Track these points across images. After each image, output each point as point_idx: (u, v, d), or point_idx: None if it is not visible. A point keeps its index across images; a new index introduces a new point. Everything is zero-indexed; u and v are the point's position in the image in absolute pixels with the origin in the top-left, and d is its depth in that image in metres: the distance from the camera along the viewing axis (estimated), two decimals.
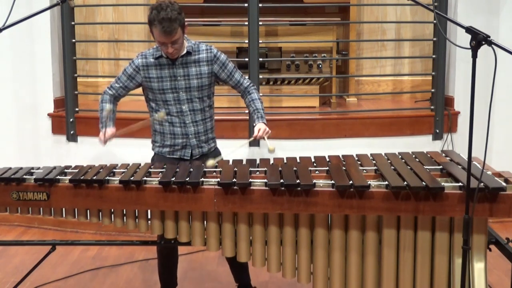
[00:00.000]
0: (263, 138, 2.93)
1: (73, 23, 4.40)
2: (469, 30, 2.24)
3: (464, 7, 4.36)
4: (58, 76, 4.53)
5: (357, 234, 2.49)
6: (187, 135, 3.06)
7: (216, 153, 3.14)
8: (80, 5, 4.89)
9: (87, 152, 4.39)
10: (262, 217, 2.55)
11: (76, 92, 4.47)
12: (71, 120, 4.41)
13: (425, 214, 2.40)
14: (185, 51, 2.99)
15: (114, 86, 3.11)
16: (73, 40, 4.41)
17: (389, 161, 2.75)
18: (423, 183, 2.39)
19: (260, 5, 4.15)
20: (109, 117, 3.04)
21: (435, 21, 4.37)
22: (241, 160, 2.90)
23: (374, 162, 2.77)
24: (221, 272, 3.68)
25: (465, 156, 2.36)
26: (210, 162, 2.75)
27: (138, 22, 5.04)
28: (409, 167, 2.63)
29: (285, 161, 2.88)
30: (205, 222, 2.60)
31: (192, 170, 2.69)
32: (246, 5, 4.13)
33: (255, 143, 3.02)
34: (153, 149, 3.17)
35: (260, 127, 2.94)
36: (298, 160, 2.88)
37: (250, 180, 2.51)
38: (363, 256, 2.50)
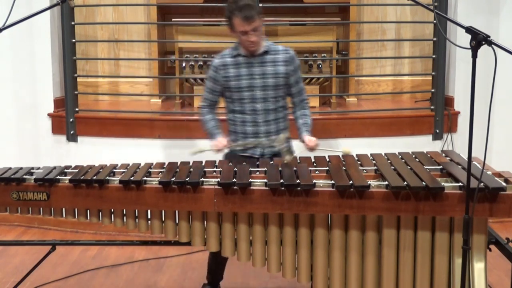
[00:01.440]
0: (314, 148, 3.02)
1: (73, 23, 4.40)
2: (469, 30, 2.24)
3: (464, 7, 4.36)
4: (58, 76, 4.53)
5: (357, 234, 2.49)
6: (257, 134, 3.09)
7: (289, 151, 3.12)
8: (80, 5, 4.89)
9: (87, 152, 4.39)
10: (262, 217, 2.55)
11: (76, 92, 4.46)
12: (71, 120, 4.41)
13: (425, 214, 2.40)
14: (262, 49, 3.05)
15: (204, 95, 3.20)
16: (73, 40, 4.41)
17: (389, 161, 2.75)
18: (423, 183, 2.39)
19: (260, 5, 4.14)
20: (216, 127, 3.14)
21: (435, 21, 4.37)
22: (241, 160, 2.90)
23: (374, 162, 2.77)
24: None
25: (465, 156, 2.36)
26: (288, 157, 2.77)
27: (138, 22, 5.04)
28: (409, 167, 2.63)
29: (298, 160, 2.88)
30: (205, 222, 2.60)
31: (192, 170, 2.69)
32: None
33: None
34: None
35: (310, 138, 3.03)
36: (298, 160, 2.88)
37: (250, 180, 2.51)
38: (363, 256, 2.50)
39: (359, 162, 2.79)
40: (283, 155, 2.81)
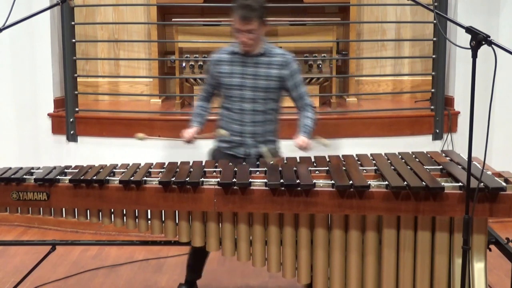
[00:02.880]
0: (304, 148, 2.99)
1: (73, 23, 4.40)
2: (469, 30, 2.24)
3: (464, 7, 4.36)
4: (58, 76, 4.53)
5: (357, 234, 2.49)
6: (243, 134, 3.10)
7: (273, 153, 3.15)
8: (80, 5, 4.89)
9: (87, 152, 4.39)
10: (262, 217, 2.55)
11: (76, 92, 4.46)
12: (71, 120, 4.41)
13: (425, 214, 2.41)
14: (259, 51, 3.05)
15: (203, 87, 3.30)
16: (73, 40, 4.41)
17: (389, 161, 2.76)
18: (423, 183, 2.39)
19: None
20: (198, 115, 3.20)
21: (435, 21, 4.37)
22: (241, 160, 2.90)
23: (374, 162, 2.77)
24: (221, 272, 3.69)
25: (465, 156, 2.36)
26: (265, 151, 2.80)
27: (138, 22, 5.04)
28: (409, 167, 2.63)
29: (285, 161, 2.89)
30: (205, 222, 2.60)
31: (192, 170, 2.69)
32: None
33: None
34: (214, 142, 3.23)
35: (303, 139, 2.99)
36: (298, 160, 2.88)
37: (250, 180, 2.51)
38: (363, 256, 2.50)
39: (359, 162, 2.79)
40: (265, 155, 2.83)
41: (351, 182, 2.43)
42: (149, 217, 2.65)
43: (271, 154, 2.85)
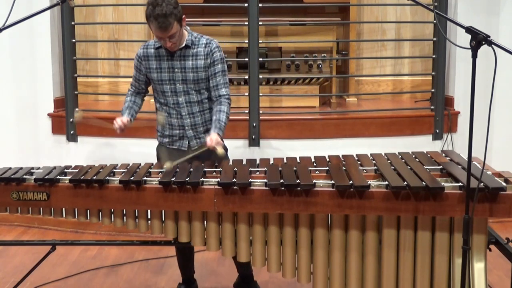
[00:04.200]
0: (215, 148, 2.84)
1: (73, 23, 4.40)
2: (469, 30, 2.24)
3: (464, 7, 4.36)
4: (58, 76, 4.53)
5: (357, 234, 2.49)
6: (183, 127, 3.09)
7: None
8: (80, 5, 4.89)
9: (87, 152, 4.39)
10: (262, 217, 2.55)
11: (76, 92, 4.46)
12: (71, 120, 4.41)
13: (425, 214, 2.40)
14: (183, 44, 3.02)
15: (132, 82, 3.23)
16: (73, 40, 4.41)
17: (389, 161, 2.75)
18: (423, 183, 2.39)
19: (260, 5, 4.15)
20: (128, 108, 3.15)
21: (435, 21, 4.37)
22: (241, 160, 2.90)
23: (374, 162, 2.77)
24: (221, 272, 3.69)
25: (465, 156, 2.36)
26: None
27: (138, 22, 5.04)
28: (409, 167, 2.63)
29: (285, 161, 2.89)
30: (205, 222, 2.60)
31: (192, 170, 2.69)
32: (246, 5, 4.13)
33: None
34: (157, 138, 3.23)
35: (211, 137, 2.87)
36: (298, 160, 2.88)
37: (250, 180, 2.51)
38: (363, 256, 2.50)
39: (359, 162, 2.79)
40: (215, 149, 2.82)
41: (351, 182, 2.43)
42: (149, 217, 2.65)
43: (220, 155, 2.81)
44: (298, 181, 2.46)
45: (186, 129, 3.09)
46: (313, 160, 2.87)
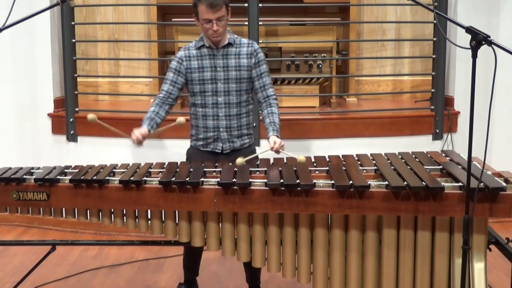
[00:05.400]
0: (279, 151, 2.89)
1: (73, 23, 4.40)
2: (469, 30, 2.24)
3: (464, 7, 4.36)
4: (58, 76, 4.53)
5: (357, 234, 2.49)
6: (218, 128, 3.08)
7: (250, 150, 3.14)
8: (80, 5, 4.89)
9: (87, 152, 4.39)
10: (262, 217, 2.55)
11: (76, 92, 4.46)
12: (71, 120, 4.41)
13: (425, 214, 2.40)
14: (226, 41, 3.03)
15: (163, 87, 3.10)
16: (73, 40, 4.41)
17: (389, 161, 2.75)
18: (423, 183, 2.39)
19: (260, 5, 4.15)
20: (149, 118, 3.01)
21: (435, 21, 4.37)
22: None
23: (374, 162, 2.77)
24: (221, 272, 3.69)
25: (465, 156, 2.36)
26: (239, 160, 2.74)
27: (138, 22, 5.04)
28: (409, 167, 2.63)
29: (285, 161, 2.88)
30: (205, 222, 2.60)
31: (192, 170, 2.69)
32: (246, 5, 4.13)
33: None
34: (190, 142, 3.20)
35: (275, 140, 2.91)
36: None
37: (250, 180, 2.51)
38: (363, 256, 2.50)
39: (359, 162, 2.79)
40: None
41: (351, 182, 2.43)
42: (149, 217, 2.65)
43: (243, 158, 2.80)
44: (298, 181, 2.46)
45: (221, 130, 3.08)
46: (313, 160, 2.87)
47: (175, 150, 4.17)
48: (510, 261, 2.55)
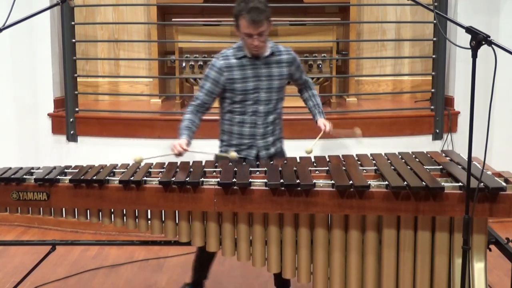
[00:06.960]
0: (329, 132, 3.04)
1: (73, 23, 4.40)
2: (469, 30, 2.24)
3: (464, 7, 4.37)
4: (58, 76, 4.53)
5: (357, 234, 2.49)
6: (254, 136, 3.04)
7: (282, 153, 3.16)
8: (80, 5, 4.89)
9: (87, 152, 4.39)
10: (262, 217, 2.55)
11: (76, 92, 4.47)
12: (71, 120, 4.41)
13: (425, 214, 2.41)
14: (269, 52, 3.00)
15: (199, 96, 3.02)
16: (73, 40, 4.41)
17: (389, 161, 2.76)
18: (423, 183, 2.39)
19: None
20: (186, 128, 2.94)
21: (435, 21, 4.37)
22: (241, 160, 2.90)
23: (374, 162, 2.77)
24: (221, 272, 3.68)
25: (465, 156, 2.36)
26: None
27: (138, 22, 5.04)
28: (409, 167, 2.63)
29: (285, 161, 2.89)
30: (205, 222, 2.60)
31: (192, 170, 2.69)
32: None
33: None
34: (219, 147, 3.13)
35: (324, 122, 3.08)
36: (298, 160, 2.88)
37: (250, 180, 2.51)
38: (363, 256, 2.50)
39: (359, 162, 2.79)
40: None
41: (351, 182, 2.43)
42: (149, 217, 2.65)
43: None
44: (298, 181, 2.46)
45: (257, 138, 3.05)
46: (313, 160, 2.87)
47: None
48: (510, 261, 2.55)
